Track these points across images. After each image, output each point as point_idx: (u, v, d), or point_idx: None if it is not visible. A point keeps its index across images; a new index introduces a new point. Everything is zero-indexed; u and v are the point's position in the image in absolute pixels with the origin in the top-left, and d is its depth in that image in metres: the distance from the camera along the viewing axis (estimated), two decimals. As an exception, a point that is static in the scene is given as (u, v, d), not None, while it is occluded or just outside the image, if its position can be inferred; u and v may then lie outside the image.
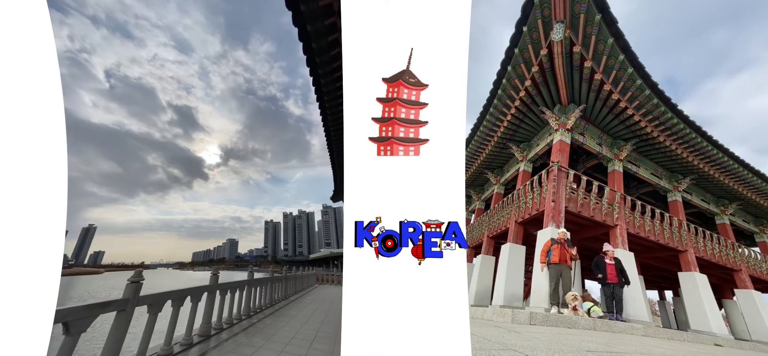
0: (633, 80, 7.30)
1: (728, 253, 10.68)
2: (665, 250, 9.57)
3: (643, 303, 7.53)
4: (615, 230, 8.29)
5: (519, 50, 7.63)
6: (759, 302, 10.32)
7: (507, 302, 7.81)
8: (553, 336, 3.57)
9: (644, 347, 3.53)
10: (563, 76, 7.82)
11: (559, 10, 6.59)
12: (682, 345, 4.74)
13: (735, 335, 11.19)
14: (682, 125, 8.23)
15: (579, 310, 5.72)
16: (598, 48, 6.91)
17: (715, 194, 11.63)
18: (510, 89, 8.65)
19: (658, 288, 17.28)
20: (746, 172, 9.88)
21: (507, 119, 9.55)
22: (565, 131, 8.63)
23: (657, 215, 9.18)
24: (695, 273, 9.05)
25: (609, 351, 2.87)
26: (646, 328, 5.35)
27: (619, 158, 9.41)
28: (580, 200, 8.15)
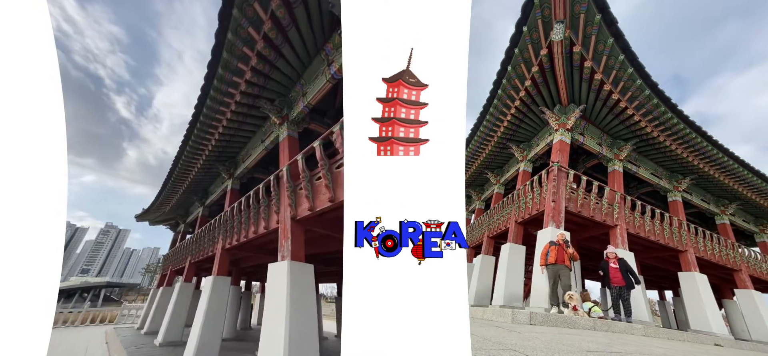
0: (633, 80, 7.30)
1: (728, 253, 10.69)
2: (665, 250, 9.57)
3: (643, 303, 7.53)
4: (615, 230, 8.29)
5: (519, 50, 7.62)
6: (759, 302, 10.33)
7: (507, 302, 7.81)
8: (553, 336, 3.57)
9: (644, 347, 3.53)
10: (563, 76, 7.82)
11: (559, 10, 6.58)
12: (682, 345, 4.75)
13: (735, 335, 11.19)
14: (682, 125, 8.23)
15: (579, 310, 5.72)
16: (598, 48, 6.91)
17: (715, 194, 11.63)
18: (510, 89, 8.64)
19: (658, 288, 17.30)
20: (746, 172, 9.88)
21: (507, 119, 9.54)
22: (565, 131, 8.63)
23: (657, 215, 9.18)
24: (695, 273, 9.05)
25: (609, 351, 2.87)
26: (646, 328, 5.35)
27: (619, 158, 9.41)
28: (580, 200, 8.15)
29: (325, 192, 5.23)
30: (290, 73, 6.71)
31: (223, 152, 9.62)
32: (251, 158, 9.28)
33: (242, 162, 9.89)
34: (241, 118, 7.79)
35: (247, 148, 9.51)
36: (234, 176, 10.29)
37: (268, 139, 8.25)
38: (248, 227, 7.42)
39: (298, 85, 7.04)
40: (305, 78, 6.88)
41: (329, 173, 5.18)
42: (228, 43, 5.71)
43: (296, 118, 7.30)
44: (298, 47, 6.10)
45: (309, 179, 5.63)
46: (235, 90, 6.73)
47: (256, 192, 7.13)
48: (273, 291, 5.47)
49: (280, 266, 5.63)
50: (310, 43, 6.12)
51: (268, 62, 6.25)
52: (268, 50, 5.93)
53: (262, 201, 6.86)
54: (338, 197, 4.99)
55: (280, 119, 7.42)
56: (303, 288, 5.40)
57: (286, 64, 6.44)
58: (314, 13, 5.59)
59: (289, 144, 7.21)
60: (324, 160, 5.20)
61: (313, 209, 5.51)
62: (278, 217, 6.34)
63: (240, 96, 6.84)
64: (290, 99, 7.41)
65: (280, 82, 6.88)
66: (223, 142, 8.79)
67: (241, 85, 6.51)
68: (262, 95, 7.07)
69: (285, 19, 5.45)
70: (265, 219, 6.80)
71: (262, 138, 8.56)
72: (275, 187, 6.45)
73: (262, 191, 6.79)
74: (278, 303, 5.11)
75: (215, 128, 8.07)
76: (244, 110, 7.48)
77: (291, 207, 5.95)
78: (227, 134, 8.32)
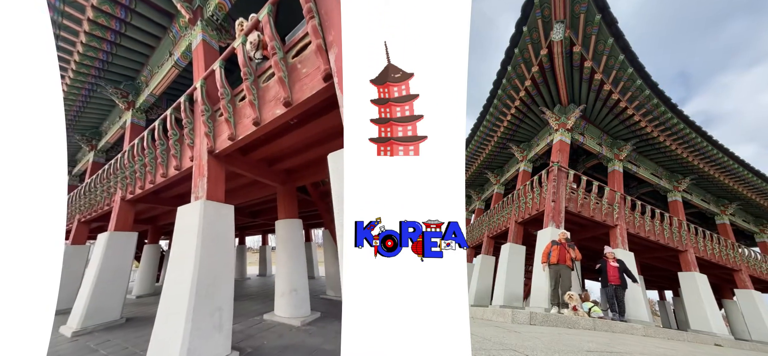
0: (633, 80, 7.31)
1: (728, 253, 10.69)
2: (665, 250, 9.57)
3: (643, 303, 7.54)
4: (615, 230, 8.30)
5: (519, 50, 7.63)
6: (759, 302, 10.33)
7: (507, 302, 7.81)
8: (553, 336, 3.57)
9: (644, 347, 3.54)
10: (563, 76, 7.82)
11: (559, 10, 6.59)
12: (682, 345, 4.75)
13: (735, 335, 11.19)
14: (682, 125, 8.24)
15: (579, 310, 5.73)
16: (598, 48, 6.92)
17: (715, 194, 11.64)
18: (510, 89, 8.65)
19: (658, 288, 17.31)
20: (746, 172, 9.89)
21: (507, 119, 9.55)
22: (565, 131, 8.63)
23: (657, 215, 9.19)
24: (695, 273, 9.06)
25: (609, 351, 2.87)
26: (646, 328, 5.36)
27: (619, 158, 9.41)
28: (580, 200, 8.15)
29: (249, 114, 4.06)
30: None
31: (113, 68, 7.07)
32: (157, 79, 7.10)
33: (146, 86, 7.55)
34: (136, 20, 6.00)
35: (151, 64, 7.16)
36: (135, 106, 7.89)
37: (177, 49, 6.36)
38: (156, 169, 5.78)
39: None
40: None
41: (254, 86, 4.00)
42: None
43: (212, 15, 5.65)
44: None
45: (230, 99, 4.38)
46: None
47: (163, 122, 5.48)
48: (181, 235, 4.44)
49: (192, 206, 4.54)
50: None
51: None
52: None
53: (172, 135, 5.32)
54: (264, 118, 3.92)
55: (191, 11, 5.62)
56: (219, 230, 4.46)
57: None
58: None
59: (204, 52, 5.56)
60: (248, 66, 3.93)
61: (235, 138, 4.33)
62: (192, 153, 5.07)
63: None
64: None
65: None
66: (112, 53, 6.61)
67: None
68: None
69: None
70: (177, 157, 5.32)
71: (169, 49, 6.61)
72: (188, 112, 5.06)
73: (172, 120, 5.28)
74: (187, 246, 4.20)
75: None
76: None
77: (208, 137, 4.71)
78: (117, 43, 6.30)
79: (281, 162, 6.04)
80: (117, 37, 6.33)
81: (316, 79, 3.38)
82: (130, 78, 7.67)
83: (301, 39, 3.60)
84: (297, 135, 4.80)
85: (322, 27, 3.32)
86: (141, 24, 6.19)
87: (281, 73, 3.62)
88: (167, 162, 5.58)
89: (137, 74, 7.59)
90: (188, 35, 5.98)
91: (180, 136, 5.34)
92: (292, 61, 3.69)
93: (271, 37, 3.64)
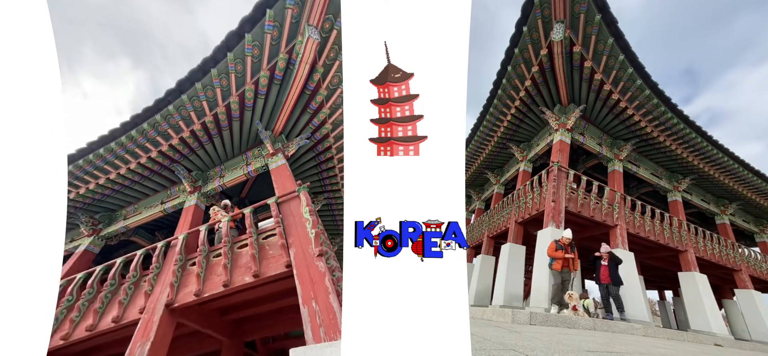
0: (633, 80, 7.31)
1: (728, 253, 10.69)
2: (665, 250, 9.57)
3: (643, 303, 7.53)
4: (615, 230, 8.29)
5: (519, 50, 7.63)
6: (759, 302, 10.33)
7: (507, 302, 7.81)
8: (553, 336, 3.57)
9: (644, 347, 3.54)
10: (563, 76, 7.82)
11: (559, 10, 6.59)
12: (682, 345, 4.75)
13: (735, 335, 11.18)
14: (682, 125, 8.23)
15: (579, 310, 5.74)
16: (598, 48, 6.92)
17: (715, 194, 11.63)
18: (510, 89, 8.65)
19: (658, 288, 17.29)
20: (746, 172, 9.89)
21: (507, 119, 9.55)
22: (565, 131, 8.63)
23: (657, 215, 9.18)
24: (695, 273, 9.05)
25: (609, 351, 2.87)
26: (646, 328, 5.36)
27: (619, 158, 9.41)
28: (580, 200, 8.15)
29: (221, 274, 4.61)
30: (214, 157, 7.27)
31: (104, 203, 7.64)
32: (139, 217, 7.76)
33: (123, 219, 7.95)
34: (148, 173, 7.11)
35: (139, 205, 7.96)
36: (99, 234, 7.71)
37: (169, 202, 7.50)
38: (87, 315, 5.05)
39: (218, 167, 7.53)
40: (225, 166, 7.49)
41: (230, 252, 4.81)
42: (166, 112, 5.95)
43: (209, 191, 7.27)
44: (226, 143, 6.96)
45: (206, 255, 4.98)
46: (154, 148, 6.47)
47: (126, 261, 5.43)
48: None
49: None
50: (236, 145, 7.14)
51: (198, 141, 6.65)
52: (202, 133, 6.42)
53: (131, 276, 5.12)
54: (234, 281, 4.50)
55: (192, 187, 7.14)
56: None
57: (213, 150, 7.05)
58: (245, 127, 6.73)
59: (193, 213, 6.69)
60: (228, 236, 4.98)
61: (201, 294, 4.56)
62: (146, 303, 4.77)
63: (156, 153, 6.56)
64: (207, 175, 7.55)
65: (203, 159, 7.25)
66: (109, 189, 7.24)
67: (163, 146, 6.44)
68: (181, 161, 7.05)
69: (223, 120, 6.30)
70: (123, 304, 4.88)
71: (163, 199, 7.69)
72: (160, 258, 5.27)
73: (138, 261, 5.30)
74: None
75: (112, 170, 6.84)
76: (155, 168, 7.00)
77: (172, 287, 4.73)
78: (118, 182, 7.08)
79: (234, 312, 6.11)
80: (123, 187, 7.41)
81: (280, 263, 4.44)
82: (111, 211, 8.17)
83: (272, 228, 4.91)
84: (256, 291, 5.23)
85: (285, 232, 4.70)
86: (150, 183, 7.50)
87: (254, 250, 4.70)
88: (107, 309, 5.05)
89: (120, 209, 8.24)
90: (182, 196, 7.39)
91: (137, 279, 5.23)
92: (262, 242, 4.93)
93: (250, 225, 5.00)
